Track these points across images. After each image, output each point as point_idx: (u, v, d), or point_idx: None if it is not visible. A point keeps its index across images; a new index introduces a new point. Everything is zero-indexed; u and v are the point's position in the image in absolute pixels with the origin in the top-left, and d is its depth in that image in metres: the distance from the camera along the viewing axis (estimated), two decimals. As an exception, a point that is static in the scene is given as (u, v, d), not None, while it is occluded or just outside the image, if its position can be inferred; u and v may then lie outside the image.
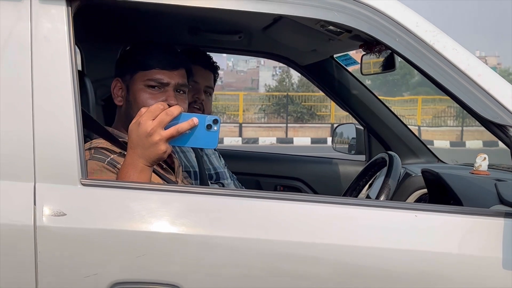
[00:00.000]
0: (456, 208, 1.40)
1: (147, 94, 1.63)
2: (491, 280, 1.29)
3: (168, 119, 1.37)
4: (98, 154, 1.55)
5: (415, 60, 1.36)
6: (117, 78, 1.70)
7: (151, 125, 1.36)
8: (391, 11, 1.37)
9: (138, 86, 1.64)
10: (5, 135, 1.27)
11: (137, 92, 1.64)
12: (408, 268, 1.29)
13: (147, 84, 1.63)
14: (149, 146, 1.38)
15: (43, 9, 1.31)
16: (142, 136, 1.38)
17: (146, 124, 1.37)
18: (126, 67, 1.69)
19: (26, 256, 1.23)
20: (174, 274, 1.26)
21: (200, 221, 1.30)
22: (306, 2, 1.38)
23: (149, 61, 1.64)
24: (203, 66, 2.19)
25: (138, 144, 1.39)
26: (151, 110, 1.38)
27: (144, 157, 1.40)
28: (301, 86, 22.64)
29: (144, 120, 1.37)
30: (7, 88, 1.28)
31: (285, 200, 1.35)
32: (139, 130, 1.38)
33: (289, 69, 25.11)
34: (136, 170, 1.40)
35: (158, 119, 1.36)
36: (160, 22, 2.22)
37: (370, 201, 1.61)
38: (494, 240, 1.30)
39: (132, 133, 1.41)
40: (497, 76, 1.38)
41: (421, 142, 2.66)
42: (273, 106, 20.25)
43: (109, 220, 1.27)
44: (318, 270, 1.28)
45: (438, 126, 18.14)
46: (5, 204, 1.25)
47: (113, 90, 1.71)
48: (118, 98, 1.70)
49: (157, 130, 1.36)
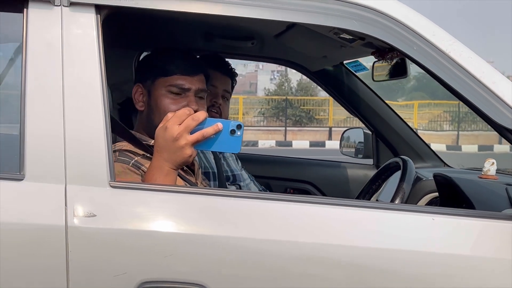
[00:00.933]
0: (471, 211, 1.42)
1: (168, 99, 1.64)
2: (503, 282, 1.30)
3: (194, 124, 1.39)
4: (123, 156, 1.57)
5: (432, 68, 1.37)
6: (138, 84, 1.71)
7: (178, 129, 1.39)
8: (409, 21, 1.39)
9: (159, 92, 1.65)
10: (37, 138, 1.29)
11: (159, 97, 1.65)
12: (424, 269, 1.30)
13: (169, 89, 1.64)
14: (175, 150, 1.40)
15: (73, 16, 1.33)
16: (169, 140, 1.40)
17: (172, 129, 1.39)
18: (147, 73, 1.70)
19: (57, 256, 1.24)
20: (199, 273, 1.27)
21: (222, 222, 1.31)
22: (325, 11, 1.39)
23: (170, 67, 1.66)
24: (221, 72, 2.21)
25: (165, 148, 1.41)
26: (177, 115, 1.40)
27: (170, 160, 1.42)
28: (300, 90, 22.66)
29: (171, 125, 1.39)
30: (39, 92, 1.30)
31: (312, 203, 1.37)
32: (166, 134, 1.40)
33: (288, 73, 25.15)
34: (162, 173, 1.42)
35: (184, 124, 1.39)
36: (176, 29, 2.23)
37: (388, 204, 1.63)
38: (507, 242, 1.32)
39: (158, 137, 1.43)
40: (511, 84, 1.40)
41: (428, 147, 2.66)
42: (272, 109, 20.27)
43: (137, 221, 1.28)
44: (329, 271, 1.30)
45: (434, 130, 18.18)
46: (37, 205, 1.27)
47: (134, 96, 1.72)
48: (140, 103, 1.71)
49: (183, 134, 1.39)
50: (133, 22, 2.01)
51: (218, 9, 1.38)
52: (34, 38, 1.31)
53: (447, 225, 1.35)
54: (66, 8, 1.32)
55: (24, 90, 1.30)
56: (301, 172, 2.84)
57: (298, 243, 1.30)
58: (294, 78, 23.79)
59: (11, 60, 1.60)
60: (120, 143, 1.63)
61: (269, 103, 20.96)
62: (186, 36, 2.34)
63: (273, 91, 24.60)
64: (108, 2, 1.33)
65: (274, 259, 1.29)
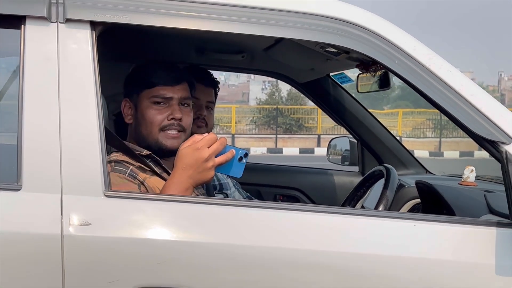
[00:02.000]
0: (452, 218, 1.42)
1: (153, 110, 1.65)
2: (484, 285, 1.31)
3: (221, 148, 1.46)
4: (119, 166, 1.57)
5: (413, 80, 1.38)
6: (126, 98, 1.73)
7: (208, 152, 1.44)
8: (391, 36, 1.40)
9: (144, 104, 1.66)
10: (34, 149, 1.28)
11: (144, 109, 1.66)
12: (407, 274, 1.31)
13: (153, 101, 1.65)
14: (202, 170, 1.45)
15: (69, 32, 1.32)
16: (200, 161, 1.44)
17: (204, 151, 1.44)
18: (132, 87, 1.71)
19: (54, 263, 1.23)
20: (191, 279, 1.27)
21: (214, 229, 1.31)
22: (311, 26, 1.39)
23: (152, 79, 1.66)
24: (203, 84, 2.17)
25: (193, 167, 1.45)
26: (207, 139, 1.45)
27: (195, 178, 1.46)
28: (289, 99, 22.69)
29: (202, 147, 1.44)
30: (36, 105, 1.29)
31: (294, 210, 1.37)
32: (197, 154, 1.44)
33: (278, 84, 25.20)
34: (183, 188, 1.45)
35: (213, 148, 1.44)
36: (168, 43, 2.23)
37: (373, 211, 1.63)
38: (487, 247, 1.32)
39: (187, 156, 1.46)
40: (488, 96, 1.41)
41: (411, 155, 2.67)
42: (263, 118, 20.29)
43: (130, 229, 1.28)
44: (317, 277, 1.29)
45: (418, 137, 18.26)
46: (34, 214, 1.26)
47: (123, 110, 1.73)
48: (128, 116, 1.72)
49: (212, 157, 1.44)
50: (127, 37, 2.00)
51: (208, 25, 1.39)
52: (32, 53, 1.31)
53: (428, 231, 1.35)
54: (62, 24, 1.32)
55: (21, 103, 1.29)
56: (290, 179, 2.84)
57: (286, 249, 1.30)
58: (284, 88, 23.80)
59: (10, 73, 1.60)
60: (114, 153, 1.63)
61: (261, 112, 20.97)
62: (178, 50, 2.34)
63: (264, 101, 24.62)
64: (102, 19, 1.32)
65: (263, 265, 1.29)
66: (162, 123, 1.64)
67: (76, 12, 1.31)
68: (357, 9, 1.43)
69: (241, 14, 1.37)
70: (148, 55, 2.37)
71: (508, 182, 1.33)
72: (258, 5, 1.38)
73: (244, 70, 2.77)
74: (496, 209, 1.50)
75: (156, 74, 1.67)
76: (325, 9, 1.40)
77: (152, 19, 1.35)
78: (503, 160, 1.34)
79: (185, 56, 2.43)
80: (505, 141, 1.35)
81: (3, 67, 1.83)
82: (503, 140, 1.35)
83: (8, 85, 1.62)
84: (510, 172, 1.33)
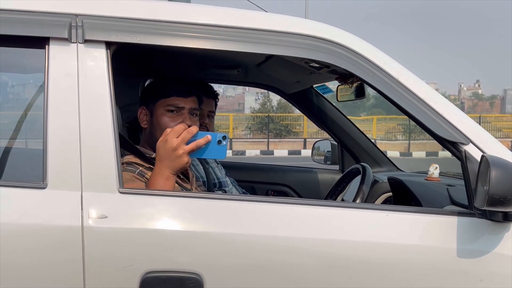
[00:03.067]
0: (419, 208, 1.43)
1: (167, 117, 1.65)
2: (447, 266, 1.31)
3: (189, 136, 1.42)
4: (130, 166, 1.56)
5: (385, 90, 1.38)
6: (142, 106, 1.72)
7: (176, 141, 1.42)
8: (365, 52, 1.40)
9: (160, 111, 1.66)
10: (57, 153, 1.28)
11: (159, 116, 1.65)
12: (381, 256, 1.31)
13: (167, 109, 1.65)
14: (174, 158, 1.43)
15: (87, 51, 1.32)
16: (169, 150, 1.42)
17: (172, 141, 1.42)
18: (149, 97, 1.71)
19: (75, 251, 1.23)
20: (196, 264, 1.26)
21: (214, 220, 1.30)
22: (297, 45, 1.39)
23: (168, 90, 1.66)
24: (205, 95, 2.18)
25: (165, 157, 1.43)
26: (175, 130, 1.43)
27: (170, 167, 1.44)
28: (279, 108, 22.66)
29: (170, 138, 1.43)
30: (59, 114, 1.29)
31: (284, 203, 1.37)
32: (166, 145, 1.43)
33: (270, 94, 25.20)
34: (163, 178, 1.44)
35: (181, 137, 1.42)
36: (174, 60, 2.23)
37: (351, 204, 1.63)
38: (449, 234, 1.32)
39: (160, 149, 1.45)
40: (450, 103, 1.42)
41: (383, 154, 2.68)
42: (257, 124, 20.26)
43: (142, 221, 1.27)
44: (305, 260, 1.29)
45: (390, 140, 18.29)
46: (58, 209, 1.25)
47: (139, 116, 1.72)
48: (144, 122, 1.71)
49: (181, 145, 1.42)
50: (138, 54, 2.00)
51: (208, 44, 1.39)
52: (55, 69, 1.30)
53: (399, 220, 1.35)
54: (81, 44, 1.31)
55: (46, 112, 1.28)
56: (280, 177, 2.84)
57: (277, 237, 1.29)
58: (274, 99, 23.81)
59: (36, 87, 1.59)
60: (127, 156, 1.62)
61: (254, 119, 20.94)
62: (182, 66, 2.33)
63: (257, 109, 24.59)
64: (116, 39, 1.32)
65: (258, 250, 1.28)
66: None
67: (93, 34, 1.31)
68: (335, 29, 1.43)
69: (236, 35, 1.37)
70: (157, 70, 2.36)
71: (467, 177, 1.34)
72: (250, 27, 1.39)
73: (240, 83, 2.76)
74: (457, 201, 1.51)
75: (172, 87, 1.68)
76: (308, 29, 1.40)
77: (158, 39, 1.35)
78: (463, 158, 1.35)
79: (189, 71, 2.43)
80: (464, 142, 1.35)
81: (31, 82, 1.83)
82: (462, 141, 1.35)
83: (35, 98, 1.61)
84: (468, 169, 1.33)
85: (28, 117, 1.72)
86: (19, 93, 2.09)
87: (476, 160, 1.32)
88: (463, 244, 1.31)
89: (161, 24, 1.35)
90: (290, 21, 1.42)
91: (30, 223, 1.23)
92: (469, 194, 1.34)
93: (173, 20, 1.36)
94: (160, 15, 1.36)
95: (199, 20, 1.37)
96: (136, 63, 2.21)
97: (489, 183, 1.20)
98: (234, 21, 1.39)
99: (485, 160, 1.25)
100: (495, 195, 1.20)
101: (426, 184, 1.88)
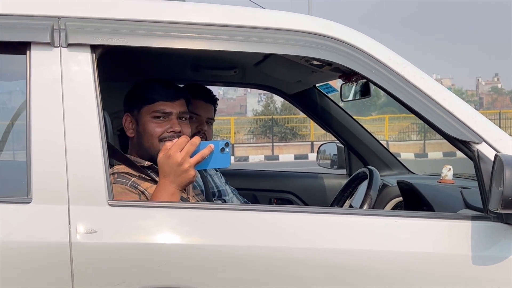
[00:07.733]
0: (430, 213, 1.43)
1: (154, 124, 1.64)
2: (462, 275, 1.31)
3: (193, 148, 1.44)
4: (121, 178, 1.57)
5: (389, 88, 1.38)
6: (127, 114, 1.71)
7: (180, 155, 1.43)
8: (367, 48, 1.40)
9: (145, 118, 1.65)
10: (42, 164, 1.28)
11: (146, 123, 1.65)
12: (391, 266, 1.31)
13: (153, 115, 1.64)
14: (181, 173, 1.44)
15: (71, 55, 1.33)
16: (174, 166, 1.43)
17: (175, 156, 1.43)
18: (133, 103, 1.70)
19: (63, 269, 1.23)
20: (191, 279, 1.26)
21: (211, 232, 1.31)
22: (295, 42, 1.40)
23: (152, 96, 1.66)
24: (204, 100, 2.18)
25: (171, 173, 1.44)
26: (178, 144, 1.44)
27: (176, 182, 1.45)
28: (284, 109, 22.70)
29: (173, 152, 1.43)
30: (42, 123, 1.30)
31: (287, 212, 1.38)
32: (170, 161, 1.44)
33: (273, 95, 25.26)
34: (168, 194, 1.45)
35: (185, 150, 1.43)
36: (165, 62, 2.24)
37: (358, 210, 1.63)
38: (463, 240, 1.32)
39: (163, 165, 1.46)
40: (459, 99, 1.41)
41: (393, 156, 2.68)
42: (260, 128, 20.29)
43: (134, 235, 1.28)
44: (310, 273, 1.29)
45: (404, 140, 18.25)
46: (44, 224, 1.26)
47: (125, 124, 1.71)
48: (130, 130, 1.71)
49: (186, 159, 1.43)
50: (126, 57, 2.01)
51: (200, 44, 1.39)
52: (38, 75, 1.31)
53: (409, 226, 1.35)
54: (65, 48, 1.32)
55: (29, 122, 1.29)
56: (283, 184, 2.84)
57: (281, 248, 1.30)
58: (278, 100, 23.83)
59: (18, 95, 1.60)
60: (117, 166, 1.63)
61: (257, 122, 20.98)
62: (175, 68, 2.35)
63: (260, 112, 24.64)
64: (101, 42, 1.33)
65: (260, 264, 1.29)
66: (161, 135, 1.63)
67: (77, 37, 1.32)
68: (336, 24, 1.44)
69: (230, 33, 1.38)
70: (146, 74, 2.37)
71: (481, 179, 1.34)
72: (245, 24, 1.39)
73: (237, 84, 2.77)
74: (472, 204, 1.51)
75: (156, 91, 1.66)
76: (305, 25, 1.41)
77: (147, 41, 1.36)
78: (475, 158, 1.35)
79: (182, 73, 2.44)
80: (476, 140, 1.35)
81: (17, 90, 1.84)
82: (474, 140, 1.35)
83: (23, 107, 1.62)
84: (482, 169, 1.33)
85: (14, 127, 1.73)
86: (5, 101, 2.11)
87: (489, 159, 1.32)
88: (478, 251, 1.31)
89: (149, 24, 1.36)
90: (286, 17, 1.42)
91: (14, 241, 1.24)
92: (483, 196, 1.34)
93: (162, 20, 1.37)
94: (148, 15, 1.37)
95: (190, 19, 1.38)
96: (125, 66, 2.21)
97: (503, 184, 1.20)
98: (227, 19, 1.40)
99: (499, 160, 1.25)
100: (510, 197, 1.20)
101: (439, 187, 1.88)
